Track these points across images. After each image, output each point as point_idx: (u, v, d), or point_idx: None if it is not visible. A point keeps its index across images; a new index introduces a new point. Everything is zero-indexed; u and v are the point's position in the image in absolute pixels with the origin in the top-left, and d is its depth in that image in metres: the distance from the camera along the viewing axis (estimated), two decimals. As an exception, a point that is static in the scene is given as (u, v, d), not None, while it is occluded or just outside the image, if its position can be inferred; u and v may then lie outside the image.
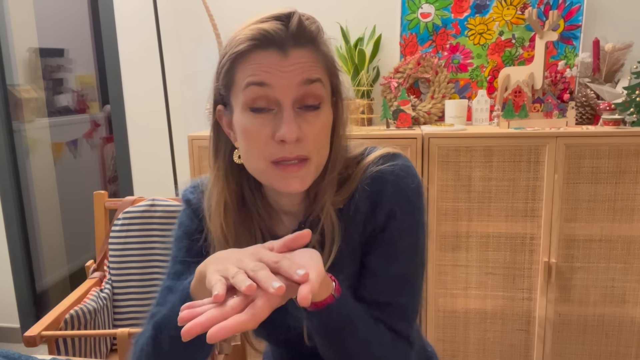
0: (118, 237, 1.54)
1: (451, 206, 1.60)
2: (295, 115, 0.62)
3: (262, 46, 0.62)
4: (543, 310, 1.62)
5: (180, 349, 0.67)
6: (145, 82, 2.15)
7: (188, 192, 0.80)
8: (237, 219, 0.72)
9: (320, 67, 0.65)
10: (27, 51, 2.68)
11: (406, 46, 1.92)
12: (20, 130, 2.52)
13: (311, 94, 0.63)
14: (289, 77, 0.62)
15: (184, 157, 2.12)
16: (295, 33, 0.62)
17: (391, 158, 0.72)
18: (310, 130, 0.64)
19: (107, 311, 1.51)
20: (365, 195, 0.70)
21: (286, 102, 0.62)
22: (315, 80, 0.63)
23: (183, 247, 0.77)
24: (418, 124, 1.81)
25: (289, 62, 0.62)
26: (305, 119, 0.64)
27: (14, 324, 2.52)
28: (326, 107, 0.66)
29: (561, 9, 1.78)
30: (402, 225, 0.70)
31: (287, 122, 0.61)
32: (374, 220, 0.70)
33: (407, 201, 0.70)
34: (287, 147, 0.63)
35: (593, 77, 1.72)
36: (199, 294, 0.62)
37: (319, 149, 0.66)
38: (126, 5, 2.11)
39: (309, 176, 0.66)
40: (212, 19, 1.85)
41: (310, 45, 0.64)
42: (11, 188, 2.39)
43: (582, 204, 1.54)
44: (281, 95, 0.62)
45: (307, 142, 0.63)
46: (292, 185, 0.65)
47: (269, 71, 0.61)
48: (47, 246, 2.73)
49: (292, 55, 0.62)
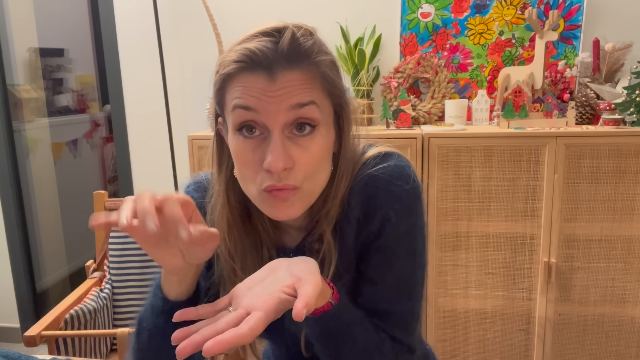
0: (118, 237, 1.54)
1: (451, 206, 1.60)
2: (284, 141, 0.58)
3: (248, 68, 0.58)
4: (543, 310, 1.62)
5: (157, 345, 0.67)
6: (145, 82, 2.15)
7: (191, 190, 0.77)
8: (242, 233, 0.70)
9: (316, 88, 0.60)
10: (27, 51, 2.68)
11: (406, 46, 1.92)
12: (20, 130, 2.52)
13: (303, 117, 0.59)
14: (277, 102, 0.57)
15: (184, 157, 2.12)
16: (285, 53, 0.57)
17: (383, 159, 0.68)
18: (302, 157, 0.59)
19: (107, 311, 1.51)
20: (356, 202, 0.67)
21: (275, 128, 0.58)
22: (307, 103, 0.58)
23: None
24: (418, 124, 1.81)
25: (276, 87, 0.57)
26: (298, 143, 0.59)
27: (14, 324, 2.52)
28: (323, 129, 0.61)
29: (561, 9, 1.78)
30: (398, 230, 0.67)
31: (272, 151, 0.57)
32: (368, 227, 0.67)
33: (402, 204, 0.66)
34: (275, 176, 0.59)
35: (593, 77, 1.72)
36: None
37: (312, 177, 0.61)
38: (126, 5, 2.11)
39: (300, 203, 0.62)
40: (212, 19, 1.85)
41: (303, 65, 0.59)
42: (11, 188, 2.39)
43: (582, 204, 1.54)
44: (269, 121, 0.58)
45: (298, 171, 0.59)
46: (281, 214, 0.62)
47: (255, 96, 0.57)
48: (47, 246, 2.73)
49: (281, 79, 0.57)
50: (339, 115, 0.66)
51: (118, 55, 2.15)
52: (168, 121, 2.06)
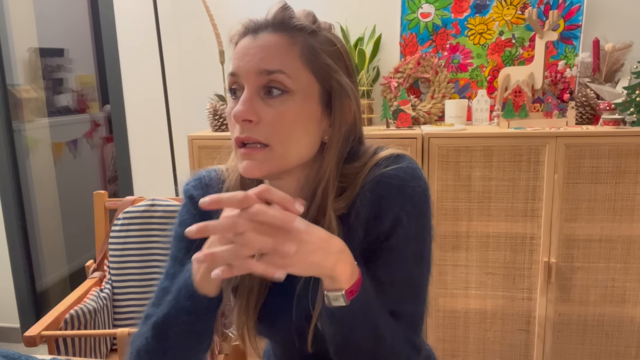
0: (118, 237, 1.54)
1: (451, 206, 1.60)
2: (254, 97, 0.63)
3: (243, 34, 0.67)
4: (543, 310, 1.62)
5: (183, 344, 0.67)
6: (145, 82, 2.15)
7: (191, 187, 0.77)
8: None
9: (292, 56, 0.64)
10: (27, 51, 2.68)
11: (406, 46, 1.92)
12: (20, 130, 2.52)
13: (272, 82, 0.63)
14: (250, 61, 0.63)
15: (184, 157, 2.12)
16: (271, 19, 0.65)
17: (395, 160, 0.69)
18: (268, 114, 0.63)
19: (107, 311, 1.51)
20: (367, 201, 0.68)
21: (247, 84, 0.64)
22: (273, 71, 0.63)
23: (183, 248, 0.75)
24: (418, 124, 1.81)
25: (254, 44, 0.64)
26: (267, 103, 0.64)
27: (14, 324, 2.52)
28: (299, 98, 0.64)
29: (561, 9, 1.78)
30: (409, 232, 0.67)
31: (239, 102, 0.63)
32: (378, 227, 0.68)
33: (413, 206, 0.67)
34: (243, 127, 0.63)
35: (593, 77, 1.72)
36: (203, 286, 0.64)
37: (281, 137, 0.64)
38: (126, 5, 2.11)
39: (266, 163, 0.64)
40: (212, 19, 1.85)
41: (286, 33, 0.65)
42: (11, 188, 2.39)
43: (582, 204, 1.54)
44: (243, 79, 0.64)
45: (263, 126, 0.63)
46: (248, 168, 0.64)
47: (238, 57, 0.65)
48: (47, 246, 2.73)
49: (261, 38, 0.64)
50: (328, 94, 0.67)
51: (118, 55, 2.15)
52: (168, 121, 2.06)
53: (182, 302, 0.65)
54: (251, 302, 0.74)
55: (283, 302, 0.73)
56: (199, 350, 0.70)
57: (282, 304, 0.73)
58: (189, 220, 0.76)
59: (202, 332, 0.68)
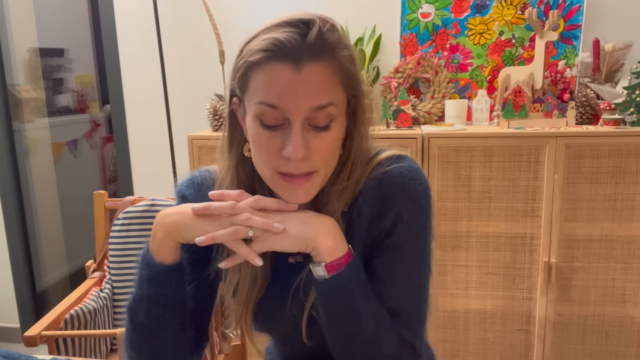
0: (118, 237, 1.54)
1: (451, 206, 1.60)
2: (304, 132, 0.62)
3: (275, 58, 0.60)
4: (543, 310, 1.62)
5: (150, 318, 0.70)
6: (145, 82, 2.15)
7: (184, 187, 0.79)
8: None
9: (335, 83, 0.63)
10: (27, 51, 2.68)
11: (406, 46, 1.92)
12: (20, 130, 2.52)
13: (322, 117, 0.62)
14: (301, 98, 0.60)
15: (184, 157, 2.12)
16: (312, 45, 0.60)
17: (397, 160, 0.71)
18: (319, 147, 0.63)
19: (107, 311, 1.51)
20: (369, 198, 0.69)
21: (296, 121, 0.61)
22: (326, 105, 0.61)
23: None
24: (418, 124, 1.81)
25: (302, 79, 0.60)
26: (315, 136, 0.63)
27: (14, 324, 2.52)
28: (338, 121, 0.65)
29: (561, 9, 1.78)
30: (410, 229, 0.69)
31: (294, 142, 0.61)
32: (380, 224, 0.69)
33: (415, 204, 0.69)
34: (293, 164, 0.63)
35: (593, 77, 1.72)
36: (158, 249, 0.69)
37: (327, 163, 0.66)
38: (126, 5, 2.11)
39: (314, 188, 0.66)
40: (212, 19, 1.85)
41: (326, 59, 0.61)
42: (11, 188, 2.39)
43: (582, 204, 1.54)
44: (291, 115, 0.61)
45: (315, 159, 0.63)
46: (296, 197, 0.66)
47: (281, 90, 0.60)
48: (47, 246, 2.73)
49: (306, 70, 0.59)
50: (352, 104, 0.68)
51: (118, 55, 2.15)
52: (168, 121, 2.06)
53: (141, 274, 0.70)
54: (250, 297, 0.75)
55: (280, 298, 0.75)
56: (169, 325, 0.71)
57: (279, 299, 0.75)
58: None
59: (166, 303, 0.70)
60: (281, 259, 0.75)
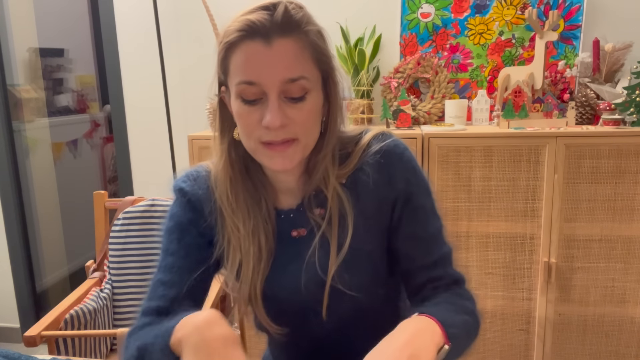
0: (118, 237, 1.54)
1: (451, 206, 1.60)
2: (280, 103, 0.67)
3: (248, 36, 0.66)
4: (543, 310, 1.62)
5: None
6: (145, 82, 2.15)
7: (180, 182, 0.82)
8: (244, 189, 0.77)
9: (307, 57, 0.69)
10: (27, 51, 2.68)
11: (406, 46, 1.92)
12: (20, 130, 2.52)
13: (295, 89, 0.68)
14: (274, 71, 0.66)
15: (184, 157, 2.12)
16: (280, 22, 0.66)
17: (387, 136, 0.79)
18: (296, 115, 0.68)
19: (107, 311, 1.51)
20: (374, 170, 0.76)
21: (272, 93, 0.67)
22: (297, 79, 0.67)
23: (174, 240, 0.79)
24: (418, 124, 1.81)
25: (273, 53, 0.66)
26: (291, 106, 0.68)
27: (14, 324, 2.52)
28: (314, 93, 0.70)
29: (561, 9, 1.78)
30: (422, 191, 0.78)
31: (270, 111, 0.67)
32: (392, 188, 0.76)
33: (414, 169, 0.78)
34: (273, 132, 0.68)
35: (593, 77, 1.72)
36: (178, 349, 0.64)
37: (307, 131, 0.71)
38: (126, 5, 2.11)
39: (296, 155, 0.71)
40: (212, 19, 1.85)
41: (295, 34, 0.67)
42: (11, 188, 2.39)
43: (582, 204, 1.54)
44: (267, 88, 0.67)
45: (294, 126, 0.69)
46: (278, 164, 0.70)
47: (256, 66, 0.66)
48: (47, 246, 2.73)
49: (277, 46, 0.66)
50: (325, 79, 0.74)
51: (118, 55, 2.15)
52: (168, 121, 2.06)
53: (156, 346, 0.67)
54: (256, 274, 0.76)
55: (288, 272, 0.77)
56: None
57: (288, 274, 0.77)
58: (180, 212, 0.80)
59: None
60: (284, 234, 0.78)
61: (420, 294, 0.78)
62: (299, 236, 0.78)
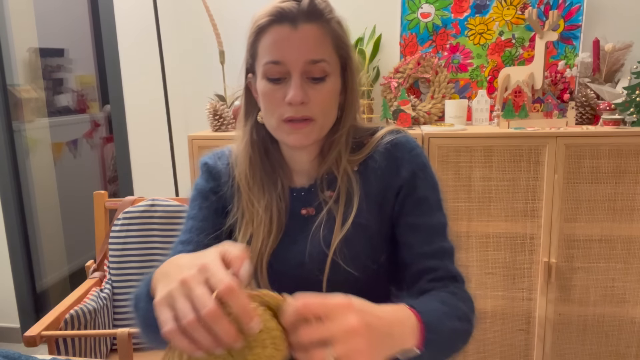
0: (118, 237, 1.54)
1: (451, 206, 1.60)
2: (302, 83, 0.75)
3: (277, 21, 0.74)
4: (543, 310, 1.62)
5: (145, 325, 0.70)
6: (145, 82, 2.15)
7: (206, 158, 0.90)
8: (262, 170, 0.84)
9: (328, 43, 0.76)
10: (27, 51, 2.68)
11: (406, 46, 1.92)
12: (20, 130, 2.52)
13: (316, 70, 0.75)
14: (298, 52, 0.74)
15: (184, 157, 2.12)
16: (305, 10, 0.74)
17: (402, 132, 0.86)
18: (315, 95, 0.76)
19: (107, 311, 1.51)
20: (384, 158, 0.81)
21: (295, 73, 0.74)
22: (319, 61, 0.75)
23: (196, 206, 0.86)
24: (418, 124, 1.81)
25: (298, 36, 0.74)
26: (312, 87, 0.76)
27: (14, 324, 2.52)
28: (333, 77, 0.77)
29: (561, 9, 1.78)
30: (428, 183, 0.82)
31: (294, 87, 0.74)
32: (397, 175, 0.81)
33: (424, 163, 0.82)
34: (294, 108, 0.75)
35: (593, 77, 1.72)
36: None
37: (324, 112, 0.78)
38: (126, 5, 2.11)
39: (312, 134, 0.78)
40: (212, 19, 1.85)
41: (319, 21, 0.75)
42: (11, 188, 2.39)
43: (582, 204, 1.54)
44: (291, 67, 0.74)
45: (312, 105, 0.76)
46: (296, 140, 0.77)
47: (282, 47, 0.74)
48: (47, 246, 2.73)
49: (302, 29, 0.74)
50: (344, 67, 0.81)
51: (118, 55, 2.15)
52: (168, 121, 2.06)
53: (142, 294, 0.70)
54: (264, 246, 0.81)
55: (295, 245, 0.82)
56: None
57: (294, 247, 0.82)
58: (202, 183, 0.88)
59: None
60: (295, 211, 0.84)
61: (416, 286, 0.78)
62: (307, 215, 0.84)
